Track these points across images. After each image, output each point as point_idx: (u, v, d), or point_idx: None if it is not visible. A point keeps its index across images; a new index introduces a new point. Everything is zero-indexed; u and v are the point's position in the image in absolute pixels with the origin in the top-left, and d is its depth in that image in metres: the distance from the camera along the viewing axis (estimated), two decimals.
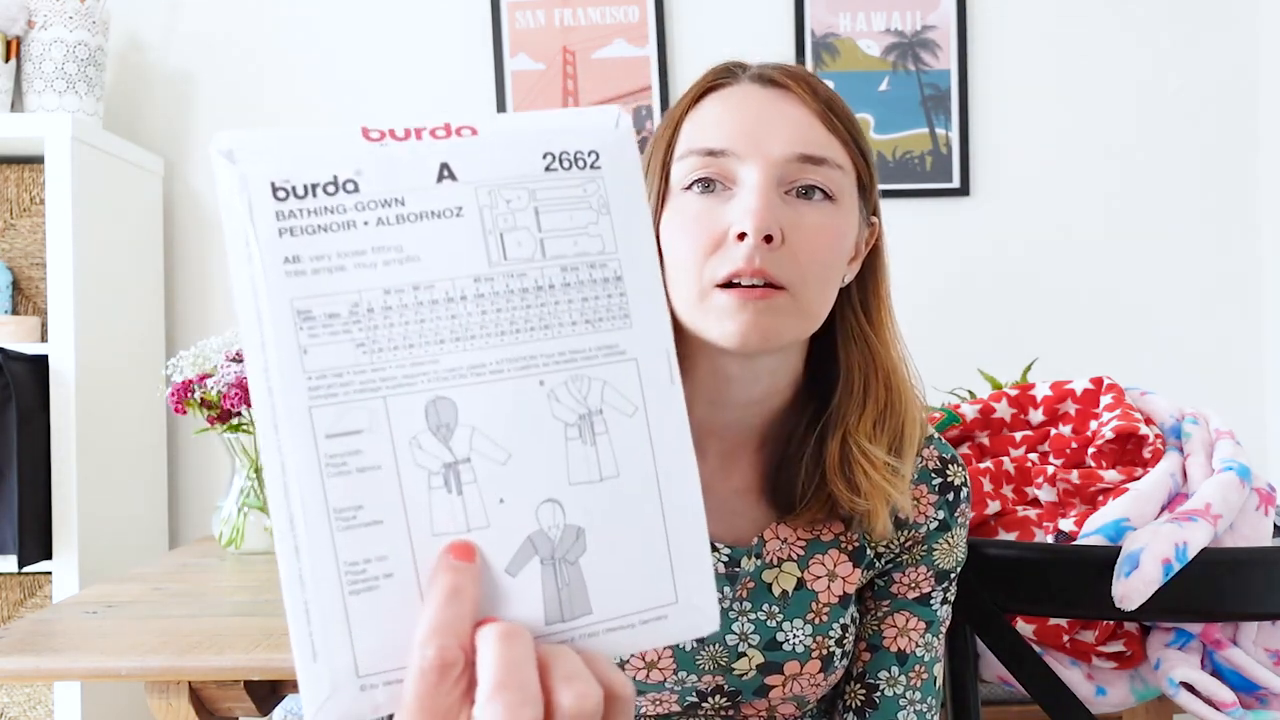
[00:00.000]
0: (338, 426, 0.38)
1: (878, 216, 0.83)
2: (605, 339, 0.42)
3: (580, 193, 0.43)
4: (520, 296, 0.41)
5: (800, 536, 0.83)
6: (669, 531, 0.42)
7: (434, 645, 0.37)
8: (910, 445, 0.81)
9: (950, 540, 0.86)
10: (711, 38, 2.16)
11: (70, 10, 1.91)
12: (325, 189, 0.39)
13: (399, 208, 0.40)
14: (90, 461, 1.82)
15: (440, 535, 0.39)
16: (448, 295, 0.40)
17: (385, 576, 0.39)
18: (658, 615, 0.42)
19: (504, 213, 0.41)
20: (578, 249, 0.42)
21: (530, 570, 0.40)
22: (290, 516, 0.38)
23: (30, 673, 1.05)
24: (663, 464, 0.42)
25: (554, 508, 0.41)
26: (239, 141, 0.40)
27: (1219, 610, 0.96)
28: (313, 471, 0.38)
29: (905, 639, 0.85)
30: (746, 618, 0.82)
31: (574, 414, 0.41)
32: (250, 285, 0.39)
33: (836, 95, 0.79)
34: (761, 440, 0.84)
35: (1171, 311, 2.16)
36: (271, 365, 0.38)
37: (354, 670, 0.38)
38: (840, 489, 0.79)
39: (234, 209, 0.39)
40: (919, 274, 2.10)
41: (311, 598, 0.38)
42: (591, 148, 0.43)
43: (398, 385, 0.39)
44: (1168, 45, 2.16)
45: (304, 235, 0.39)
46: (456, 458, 0.40)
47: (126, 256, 2.00)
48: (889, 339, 0.83)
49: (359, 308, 0.39)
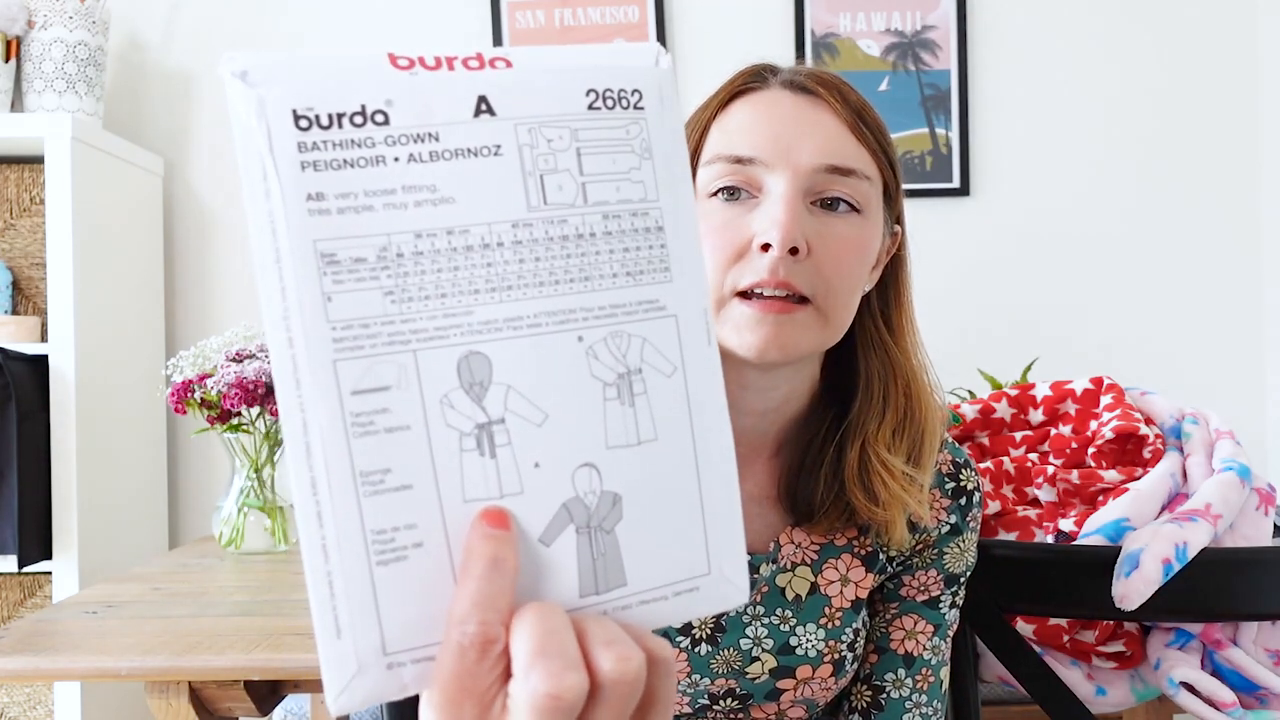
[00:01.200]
0: (364, 382, 0.35)
1: (901, 224, 0.82)
2: (646, 293, 0.39)
3: (624, 134, 0.39)
4: (560, 245, 0.38)
5: (814, 541, 0.83)
6: (704, 499, 0.40)
7: (475, 621, 0.35)
8: (929, 454, 0.81)
9: (961, 544, 0.86)
10: (711, 38, 2.16)
11: (70, 10, 1.91)
12: (353, 119, 0.36)
13: (433, 143, 0.37)
14: (90, 461, 1.82)
15: (472, 501, 0.36)
16: (484, 241, 0.37)
17: (415, 546, 0.36)
18: (690, 587, 0.40)
19: (545, 153, 0.38)
20: (620, 195, 0.39)
21: (565, 539, 0.38)
22: (313, 480, 0.35)
23: (30, 673, 1.05)
24: (700, 428, 0.40)
25: (591, 472, 0.38)
26: (256, 62, 0.35)
27: (1219, 610, 0.96)
28: (338, 431, 0.35)
29: (913, 641, 0.85)
30: (760, 622, 0.82)
31: (613, 373, 0.38)
32: (269, 223, 0.35)
33: (867, 103, 0.78)
34: (778, 446, 0.84)
35: (1171, 311, 2.16)
36: (293, 313, 0.35)
37: (381, 647, 0.36)
38: (859, 498, 0.79)
39: (251, 138, 0.35)
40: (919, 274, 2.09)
41: (336, 568, 0.35)
42: (635, 86, 0.40)
43: (429, 338, 0.36)
44: (1168, 45, 2.16)
45: (329, 170, 0.35)
46: (490, 418, 0.37)
47: (126, 256, 2.00)
48: (909, 347, 0.82)
49: (388, 252, 0.36)
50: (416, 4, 2.19)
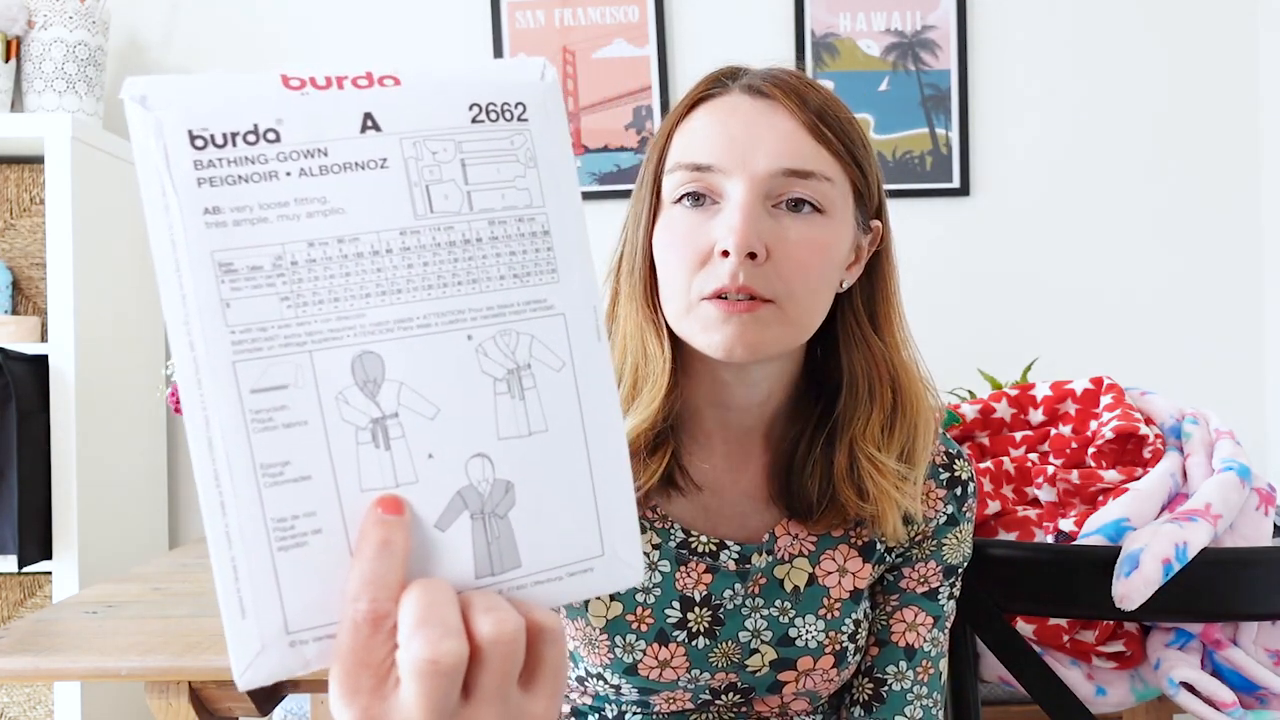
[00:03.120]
0: (263, 381, 0.38)
1: (881, 220, 0.82)
2: (533, 294, 0.42)
3: (508, 145, 0.42)
4: (447, 250, 0.41)
5: (811, 532, 0.84)
6: (596, 485, 0.43)
7: (365, 598, 0.38)
8: (922, 451, 0.81)
9: (958, 535, 0.87)
10: (711, 38, 2.16)
11: (70, 10, 1.91)
12: (245, 138, 0.38)
13: (322, 158, 0.39)
14: (90, 461, 1.82)
15: (369, 491, 0.39)
16: (373, 248, 0.40)
17: (314, 532, 0.38)
18: (585, 568, 0.43)
19: (430, 165, 0.41)
20: (505, 202, 0.42)
21: (460, 525, 0.40)
22: (215, 473, 0.38)
23: (30, 673, 1.05)
24: (590, 419, 0.42)
25: (483, 462, 0.41)
26: (153, 86, 0.38)
27: (1219, 610, 0.96)
28: (238, 427, 0.38)
29: (913, 633, 0.86)
30: (759, 614, 0.82)
31: (502, 369, 0.41)
32: (168, 236, 0.38)
33: (832, 102, 0.77)
34: (766, 441, 0.84)
35: (1171, 311, 2.16)
36: (193, 318, 0.38)
37: (284, 627, 0.38)
38: (849, 496, 0.79)
39: (149, 157, 0.38)
40: (919, 274, 2.10)
41: (239, 555, 0.38)
42: (519, 99, 0.42)
43: (323, 339, 0.39)
44: (1168, 45, 2.16)
45: (224, 185, 0.38)
46: (384, 413, 0.39)
47: (126, 256, 2.00)
48: (896, 342, 0.82)
49: (282, 260, 0.38)
50: (416, 4, 2.19)
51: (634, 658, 0.81)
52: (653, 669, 0.81)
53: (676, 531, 0.82)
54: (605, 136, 2.17)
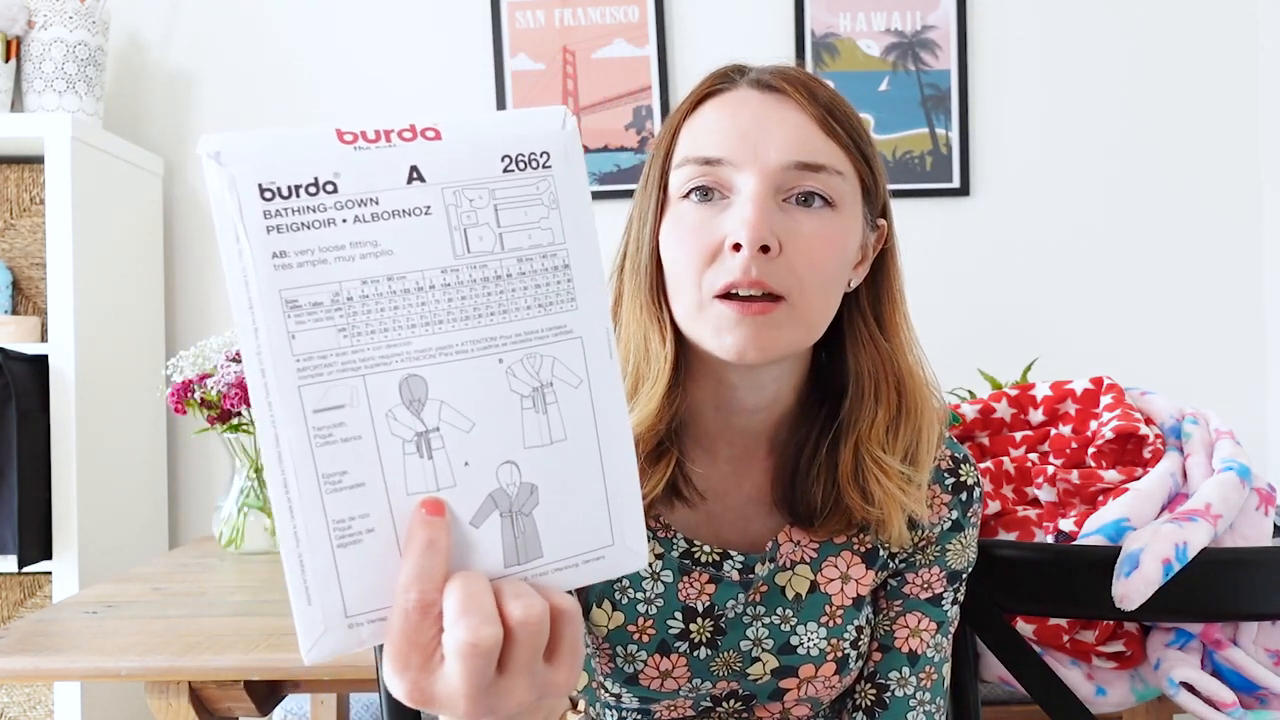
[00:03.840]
0: (323, 402, 0.44)
1: (886, 219, 0.81)
2: (555, 320, 0.48)
3: (534, 190, 0.47)
4: (482, 285, 0.46)
5: (813, 539, 0.83)
6: (607, 484, 0.49)
7: (415, 590, 0.44)
8: (927, 453, 0.80)
9: (963, 540, 0.86)
10: (711, 38, 2.17)
11: (70, 10, 1.91)
12: (308, 190, 0.44)
13: (374, 206, 0.44)
14: (90, 461, 1.82)
15: (414, 494, 0.45)
16: (418, 285, 0.45)
17: (368, 531, 0.45)
18: (597, 555, 0.49)
19: (467, 210, 0.46)
20: (531, 241, 0.47)
21: (491, 522, 0.47)
22: (285, 482, 0.44)
23: (30, 673, 1.05)
24: (603, 427, 0.49)
25: (511, 468, 0.47)
26: (225, 144, 0.43)
27: (1219, 610, 0.96)
28: (303, 442, 0.43)
29: (917, 639, 0.85)
30: (760, 622, 0.82)
31: (529, 387, 0.47)
32: (242, 277, 0.43)
33: (838, 98, 0.77)
34: (771, 446, 0.83)
35: (1171, 311, 2.16)
36: (264, 349, 0.43)
37: (343, 611, 0.45)
38: (854, 499, 0.78)
39: (225, 208, 0.43)
40: (919, 274, 2.09)
41: (305, 551, 0.44)
42: (543, 149, 0.48)
43: (375, 365, 0.44)
44: (1168, 44, 2.16)
45: (289, 232, 0.43)
46: (427, 427, 0.45)
47: (126, 256, 2.00)
48: (902, 343, 0.81)
49: (340, 297, 0.44)
50: (417, 5, 2.19)
51: (635, 668, 0.80)
52: (654, 679, 0.81)
53: (680, 541, 0.81)
54: (605, 136, 2.17)
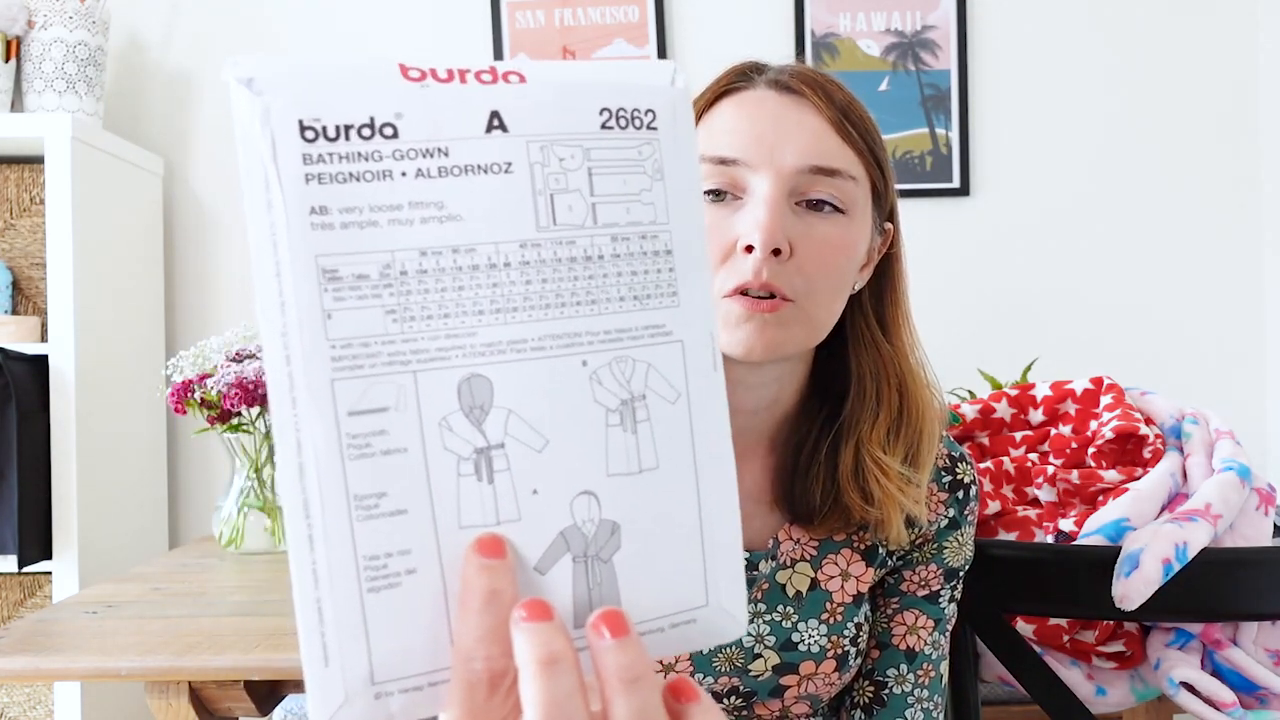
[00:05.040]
0: (362, 403, 0.34)
1: (893, 222, 0.82)
2: (652, 318, 0.38)
3: (636, 155, 0.39)
4: (568, 266, 0.37)
5: (813, 537, 0.83)
6: (704, 530, 0.39)
7: (480, 657, 0.34)
8: (928, 454, 0.80)
9: (960, 538, 0.86)
10: (711, 38, 2.17)
11: (70, 10, 1.91)
12: (360, 132, 0.35)
13: (442, 159, 0.36)
14: (90, 461, 1.82)
15: (468, 528, 0.36)
16: (490, 261, 0.36)
17: (408, 573, 0.35)
18: (688, 619, 0.39)
19: (556, 172, 0.37)
20: (630, 217, 0.38)
21: (561, 567, 0.37)
22: (305, 502, 0.34)
23: (30, 673, 1.05)
24: (702, 457, 0.39)
25: (590, 500, 0.37)
26: (262, 67, 0.34)
27: (1219, 610, 0.96)
28: (333, 452, 0.34)
29: (914, 637, 0.86)
30: (762, 619, 0.82)
31: (617, 399, 0.38)
32: (269, 236, 0.34)
33: (854, 100, 0.77)
34: (772, 445, 0.84)
35: (1171, 311, 2.16)
36: (291, 330, 0.34)
37: (369, 677, 0.35)
38: (854, 499, 0.79)
39: (254, 147, 0.34)
40: (919, 274, 2.09)
41: (326, 595, 0.34)
42: (649, 106, 0.39)
43: (430, 359, 0.35)
44: (1168, 44, 2.16)
45: (334, 183, 0.34)
46: (490, 442, 0.36)
47: (126, 256, 2.00)
48: (904, 345, 0.82)
49: (391, 270, 0.35)
50: (417, 5, 2.19)
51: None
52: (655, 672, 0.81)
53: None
54: None
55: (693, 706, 0.36)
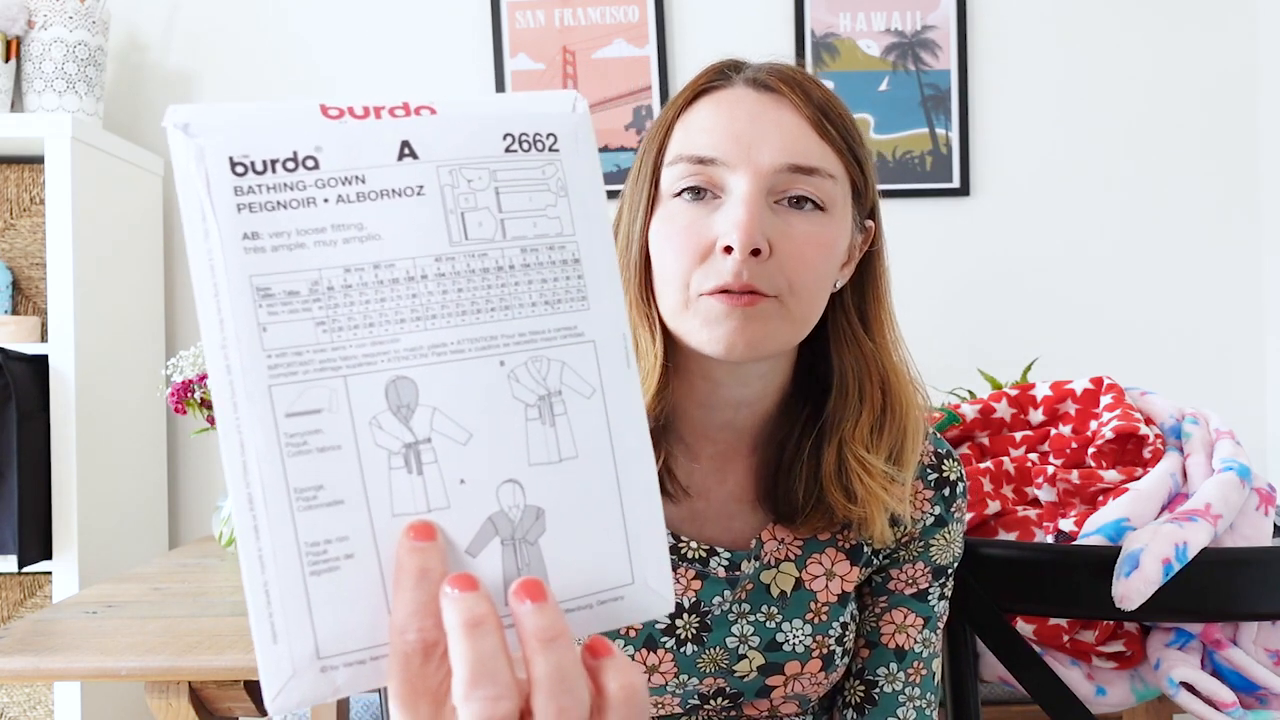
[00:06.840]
0: (298, 405, 0.38)
1: (874, 220, 0.81)
2: (564, 320, 0.42)
3: (539, 175, 0.43)
4: (481, 276, 0.41)
5: (797, 536, 0.83)
6: (626, 513, 0.42)
7: (413, 629, 0.38)
8: (911, 452, 0.80)
9: (947, 535, 0.86)
10: (711, 38, 2.17)
11: (70, 10, 1.91)
12: (285, 165, 0.39)
13: (359, 185, 0.40)
14: (90, 461, 1.82)
15: (401, 516, 0.39)
16: (408, 274, 0.40)
17: (346, 557, 0.39)
18: (614, 596, 0.42)
19: (465, 192, 0.41)
20: (537, 230, 0.42)
21: (491, 551, 0.40)
22: (250, 496, 0.38)
23: (30, 673, 1.05)
24: (620, 445, 0.43)
25: (514, 488, 0.41)
26: (195, 114, 0.39)
27: (1219, 610, 0.96)
28: (273, 450, 0.38)
29: (903, 635, 0.85)
30: (746, 620, 0.82)
31: (534, 395, 0.41)
32: (207, 261, 0.38)
33: (833, 99, 0.77)
34: (754, 444, 0.83)
35: (1171, 311, 2.16)
36: (230, 343, 0.38)
37: (315, 652, 0.38)
38: (837, 497, 0.78)
39: (191, 183, 0.38)
40: (919, 274, 2.11)
41: (272, 579, 0.38)
42: (550, 130, 0.43)
43: (358, 364, 0.39)
44: (1168, 44, 2.16)
45: (263, 211, 0.39)
46: (417, 438, 0.40)
47: (126, 256, 2.00)
48: (887, 343, 0.81)
49: (319, 286, 0.39)
50: (417, 5, 2.19)
51: None
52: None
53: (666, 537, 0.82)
54: (605, 136, 2.17)
55: (607, 661, 0.40)
